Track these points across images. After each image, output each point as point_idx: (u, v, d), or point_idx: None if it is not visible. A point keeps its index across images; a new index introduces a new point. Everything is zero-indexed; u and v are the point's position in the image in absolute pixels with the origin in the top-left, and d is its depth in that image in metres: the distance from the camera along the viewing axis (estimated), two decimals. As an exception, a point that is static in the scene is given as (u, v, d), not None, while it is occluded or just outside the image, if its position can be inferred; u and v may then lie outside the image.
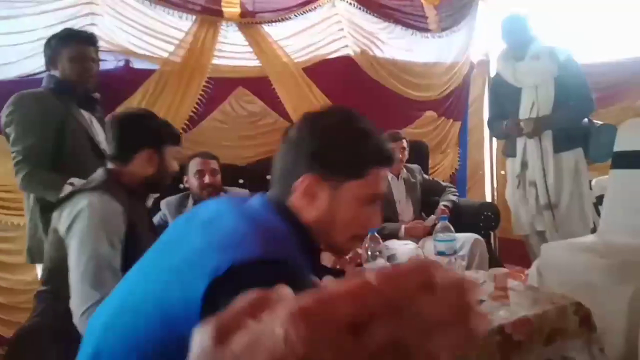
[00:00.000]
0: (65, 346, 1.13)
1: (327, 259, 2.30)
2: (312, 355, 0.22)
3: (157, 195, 1.69)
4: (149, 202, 1.59)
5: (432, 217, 2.74)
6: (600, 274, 1.95)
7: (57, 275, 1.18)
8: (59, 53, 1.82)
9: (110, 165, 1.34)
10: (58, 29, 2.32)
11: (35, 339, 1.19)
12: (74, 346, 1.12)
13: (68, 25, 2.35)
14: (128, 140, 1.33)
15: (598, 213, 2.67)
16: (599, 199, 2.67)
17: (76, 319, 1.12)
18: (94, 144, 1.85)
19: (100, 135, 1.88)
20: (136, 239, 1.25)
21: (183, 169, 2.45)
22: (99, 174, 1.31)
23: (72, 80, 1.83)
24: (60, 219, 1.21)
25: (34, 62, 2.29)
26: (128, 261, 1.22)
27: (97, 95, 1.95)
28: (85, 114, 1.88)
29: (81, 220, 1.17)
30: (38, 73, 2.30)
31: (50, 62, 1.85)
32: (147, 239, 1.32)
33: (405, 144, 2.82)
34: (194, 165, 2.37)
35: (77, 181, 1.66)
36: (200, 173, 2.34)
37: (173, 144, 1.42)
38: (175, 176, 2.46)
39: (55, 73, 1.84)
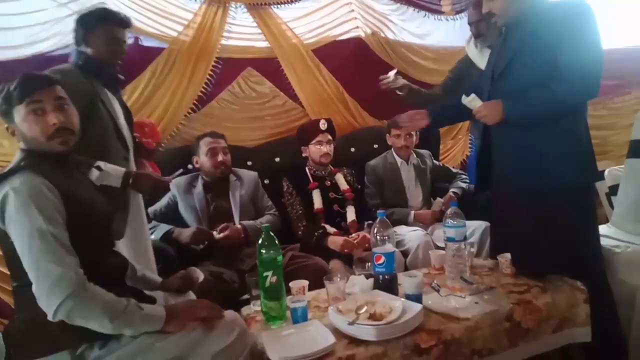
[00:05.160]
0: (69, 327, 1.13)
1: (335, 243, 2.29)
2: None
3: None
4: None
5: (439, 200, 2.71)
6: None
7: (22, 267, 1.14)
8: (95, 32, 1.76)
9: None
10: (70, 8, 2.32)
11: (38, 330, 1.17)
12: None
13: (79, 3, 2.33)
14: None
15: (610, 203, 2.62)
16: (612, 189, 2.62)
17: (43, 303, 1.09)
18: (117, 127, 1.80)
19: (121, 119, 1.85)
20: (80, 205, 1.22)
21: (192, 150, 2.45)
22: (16, 155, 1.26)
23: (103, 60, 1.78)
24: None
25: (46, 43, 2.29)
26: (79, 230, 1.19)
27: (121, 77, 1.90)
28: (109, 94, 1.83)
29: (9, 206, 1.13)
30: (52, 51, 2.31)
31: (83, 38, 1.77)
32: (93, 200, 1.29)
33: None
34: (204, 145, 2.38)
35: (103, 165, 1.63)
36: (212, 151, 2.35)
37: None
38: (185, 157, 2.49)
39: (86, 50, 1.77)
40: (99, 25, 1.76)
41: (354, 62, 3.15)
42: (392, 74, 2.44)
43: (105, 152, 1.71)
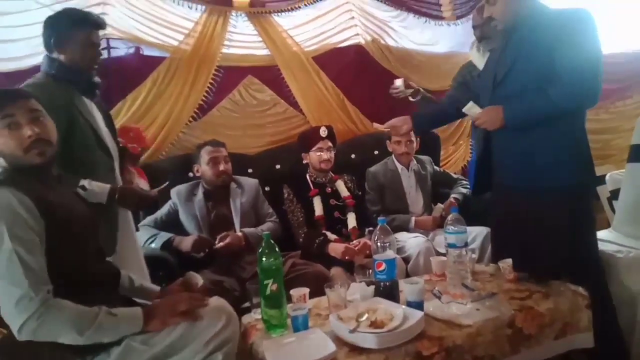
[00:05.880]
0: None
1: (336, 250, 2.29)
2: None
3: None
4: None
5: (440, 205, 2.70)
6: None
7: None
8: (69, 36, 1.62)
9: None
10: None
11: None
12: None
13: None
14: None
15: (612, 208, 2.62)
16: (613, 194, 2.62)
17: (9, 324, 1.07)
18: (98, 137, 1.70)
19: (101, 124, 1.75)
20: (62, 215, 1.21)
21: (193, 159, 2.46)
22: None
23: (79, 66, 1.65)
24: None
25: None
26: (63, 238, 1.18)
27: (98, 79, 1.74)
28: (86, 102, 1.71)
29: None
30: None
31: (55, 44, 1.62)
32: (75, 209, 1.28)
33: (413, 136, 2.77)
34: (206, 154, 2.38)
35: (87, 183, 1.57)
36: (214, 161, 2.36)
37: None
38: (185, 165, 2.50)
39: (59, 57, 1.63)
40: (73, 29, 1.62)
41: (355, 69, 3.16)
42: (399, 82, 2.41)
43: (89, 164, 1.65)
